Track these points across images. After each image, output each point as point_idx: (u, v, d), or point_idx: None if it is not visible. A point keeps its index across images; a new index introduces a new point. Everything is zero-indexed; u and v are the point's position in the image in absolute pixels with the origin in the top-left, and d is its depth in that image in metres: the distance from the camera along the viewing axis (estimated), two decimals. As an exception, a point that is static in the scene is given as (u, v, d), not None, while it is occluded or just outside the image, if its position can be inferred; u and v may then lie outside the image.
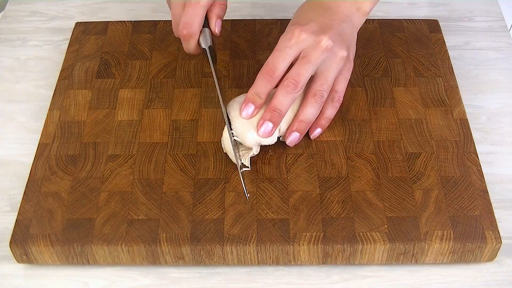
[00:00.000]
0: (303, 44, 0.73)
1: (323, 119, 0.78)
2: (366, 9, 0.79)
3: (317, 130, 0.78)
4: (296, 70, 0.73)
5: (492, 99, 0.88)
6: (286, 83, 0.73)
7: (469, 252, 0.70)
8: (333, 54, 0.74)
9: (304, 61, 0.73)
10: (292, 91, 0.73)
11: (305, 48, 0.73)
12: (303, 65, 0.73)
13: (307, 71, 0.73)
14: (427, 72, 0.86)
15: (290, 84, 0.72)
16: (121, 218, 0.71)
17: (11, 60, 0.94)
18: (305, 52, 0.73)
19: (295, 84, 0.72)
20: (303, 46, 0.73)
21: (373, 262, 0.71)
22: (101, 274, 0.72)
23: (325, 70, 0.74)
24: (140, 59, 0.89)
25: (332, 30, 0.74)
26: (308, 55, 0.73)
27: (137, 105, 0.83)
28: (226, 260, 0.71)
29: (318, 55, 0.73)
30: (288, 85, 0.73)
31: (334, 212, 0.71)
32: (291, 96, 0.73)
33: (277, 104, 0.73)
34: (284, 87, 0.73)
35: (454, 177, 0.75)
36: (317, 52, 0.73)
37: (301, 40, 0.73)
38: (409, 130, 0.79)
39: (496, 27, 0.98)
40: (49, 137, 0.79)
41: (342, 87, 0.78)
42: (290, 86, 0.72)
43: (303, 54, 0.73)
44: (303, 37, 0.73)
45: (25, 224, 0.71)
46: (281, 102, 0.73)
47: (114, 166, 0.76)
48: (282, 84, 0.73)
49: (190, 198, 0.73)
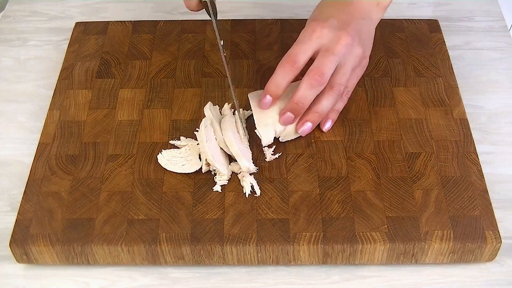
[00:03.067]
0: (324, 39, 0.74)
1: (333, 112, 0.78)
2: (386, 3, 0.79)
3: (329, 123, 0.78)
4: (320, 62, 0.73)
5: (492, 99, 0.88)
6: (311, 75, 0.73)
7: (469, 252, 0.70)
8: (350, 50, 0.74)
9: (328, 53, 0.73)
10: (317, 84, 0.73)
11: (325, 43, 0.74)
12: (328, 56, 0.73)
13: (331, 62, 0.73)
14: (427, 72, 0.86)
15: (316, 76, 0.73)
16: (121, 218, 0.71)
17: (11, 60, 0.94)
18: (326, 46, 0.74)
19: (320, 75, 0.73)
20: (324, 41, 0.74)
21: (373, 262, 0.71)
22: (101, 274, 0.72)
23: (344, 64, 0.75)
24: (140, 59, 0.89)
25: (351, 27, 0.75)
26: (331, 48, 0.73)
27: (137, 105, 0.83)
28: (226, 260, 0.71)
29: (340, 48, 0.73)
30: (314, 78, 0.73)
31: (334, 212, 0.71)
32: (316, 89, 0.74)
33: (301, 98, 0.74)
34: (309, 79, 0.73)
35: (454, 177, 0.75)
36: (339, 46, 0.73)
37: (322, 34, 0.74)
38: (409, 130, 0.79)
39: (496, 27, 0.98)
40: (49, 137, 0.79)
41: (352, 83, 0.79)
42: (316, 78, 0.73)
43: (325, 47, 0.74)
44: (324, 32, 0.74)
45: (25, 224, 0.71)
46: (305, 97, 0.74)
47: (114, 166, 0.76)
48: (307, 76, 0.73)
49: (190, 198, 0.73)
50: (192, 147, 0.76)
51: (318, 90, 0.74)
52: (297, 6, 1.01)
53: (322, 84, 0.73)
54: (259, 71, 0.87)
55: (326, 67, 0.73)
